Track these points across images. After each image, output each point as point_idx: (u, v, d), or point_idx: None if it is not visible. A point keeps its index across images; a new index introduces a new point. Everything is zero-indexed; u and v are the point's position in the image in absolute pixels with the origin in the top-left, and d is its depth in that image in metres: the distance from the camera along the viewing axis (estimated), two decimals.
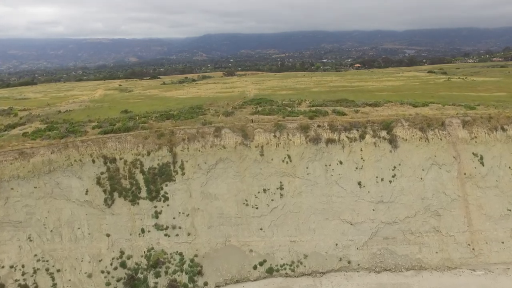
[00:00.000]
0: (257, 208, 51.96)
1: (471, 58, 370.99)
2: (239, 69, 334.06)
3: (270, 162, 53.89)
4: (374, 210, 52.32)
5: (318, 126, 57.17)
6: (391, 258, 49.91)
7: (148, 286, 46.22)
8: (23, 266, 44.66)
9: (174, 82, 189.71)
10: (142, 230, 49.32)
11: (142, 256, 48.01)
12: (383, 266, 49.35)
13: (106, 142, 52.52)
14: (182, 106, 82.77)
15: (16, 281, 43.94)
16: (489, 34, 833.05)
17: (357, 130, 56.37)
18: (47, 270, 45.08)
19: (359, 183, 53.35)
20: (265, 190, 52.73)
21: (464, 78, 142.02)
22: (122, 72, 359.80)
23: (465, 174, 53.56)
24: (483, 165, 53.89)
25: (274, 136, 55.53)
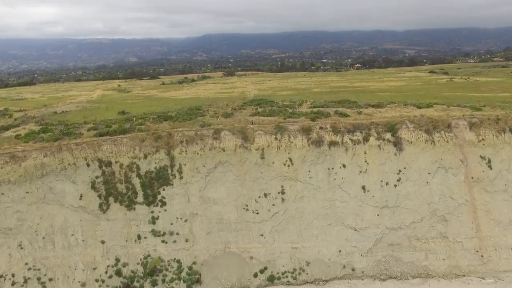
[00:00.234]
0: (257, 213, 50.22)
1: (472, 58, 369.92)
2: (239, 69, 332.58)
3: (271, 166, 52.16)
4: (378, 215, 50.59)
5: (321, 128, 55.45)
6: (397, 265, 48.18)
7: None
8: (13, 275, 42.87)
9: (173, 82, 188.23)
10: (139, 237, 47.56)
11: (138, 263, 46.24)
12: (388, 273, 47.60)
13: (102, 144, 50.76)
14: (181, 107, 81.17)
15: None
16: (489, 34, 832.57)
17: (360, 132, 54.65)
18: (39, 279, 43.30)
19: (363, 187, 51.62)
20: (266, 195, 51.00)
21: (466, 78, 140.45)
22: (122, 72, 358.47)
23: (472, 178, 51.83)
24: (491, 168, 52.16)
25: (275, 138, 53.79)
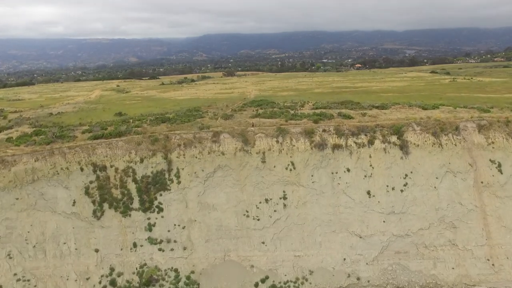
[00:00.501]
0: (258, 219, 48.23)
1: (473, 58, 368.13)
2: (239, 69, 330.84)
3: (272, 170, 50.16)
4: (384, 221, 48.60)
5: (324, 130, 53.45)
6: (404, 274, 46.18)
7: None
8: (1, 287, 40.81)
9: (173, 82, 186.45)
10: (134, 245, 45.55)
11: (134, 273, 44.25)
12: (395, 283, 45.62)
13: (96, 148, 48.75)
14: (180, 108, 79.34)
15: None
16: (489, 34, 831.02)
17: (365, 135, 52.66)
18: None
19: (368, 193, 49.63)
20: (267, 200, 49.00)
21: (470, 78, 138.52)
22: (122, 72, 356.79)
23: (482, 182, 49.81)
24: (502, 173, 50.13)
25: (277, 141, 51.79)
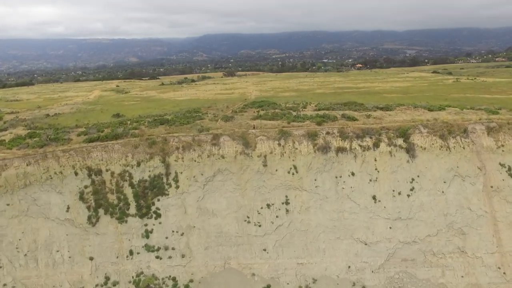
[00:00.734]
0: (260, 225, 46.46)
1: (474, 58, 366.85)
2: (239, 69, 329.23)
3: (274, 174, 48.40)
4: (391, 228, 46.82)
5: (327, 133, 51.66)
6: (411, 283, 44.40)
7: None
8: None
9: (173, 82, 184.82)
10: (131, 252, 43.80)
11: (130, 282, 42.52)
12: None
13: (91, 151, 46.98)
14: (179, 109, 77.70)
15: None
16: (489, 34, 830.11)
17: (370, 137, 50.87)
18: None
19: (374, 198, 47.86)
20: (268, 206, 47.24)
21: (473, 79, 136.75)
22: (122, 72, 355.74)
23: (492, 187, 48.01)
24: None
25: (279, 144, 50.01)
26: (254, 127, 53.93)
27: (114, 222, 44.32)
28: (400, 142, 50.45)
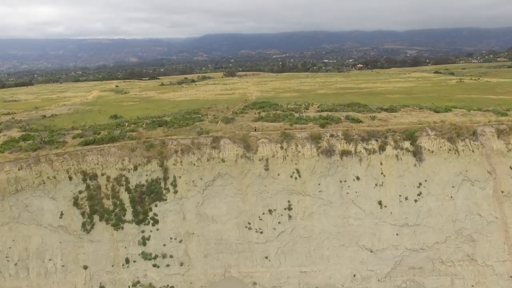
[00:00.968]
0: (261, 232, 44.78)
1: (475, 58, 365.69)
2: (240, 69, 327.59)
3: (276, 178, 46.71)
4: (397, 234, 45.13)
5: (331, 135, 49.93)
6: None
7: None
8: None
9: (172, 83, 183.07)
10: (127, 260, 42.12)
11: None
12: None
13: (86, 155, 45.27)
14: (178, 110, 76.05)
15: None
16: (490, 34, 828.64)
17: (376, 140, 49.16)
18: None
19: (380, 203, 46.15)
20: (270, 211, 45.53)
21: (477, 79, 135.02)
22: (122, 72, 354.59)
23: (502, 192, 46.30)
24: None
25: (281, 147, 48.29)
26: (255, 129, 52.20)
27: (109, 229, 42.61)
28: (407, 145, 48.73)
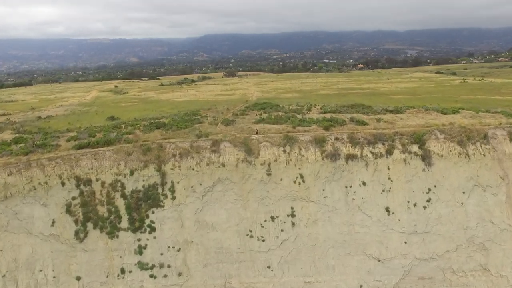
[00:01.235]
0: (263, 240, 42.74)
1: (477, 58, 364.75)
2: (240, 69, 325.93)
3: (279, 183, 44.67)
4: (406, 242, 43.11)
5: (336, 138, 47.89)
6: None
7: None
8: None
9: (172, 83, 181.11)
10: (122, 270, 40.07)
11: None
12: None
13: (80, 159, 43.22)
14: (177, 111, 74.13)
15: None
16: (490, 34, 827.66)
17: (382, 143, 47.13)
18: None
19: (387, 209, 44.12)
20: (273, 218, 43.49)
21: (480, 79, 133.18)
22: (122, 72, 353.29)
23: None
24: None
25: (284, 151, 46.26)
26: (257, 132, 50.17)
27: (104, 237, 40.55)
28: (415, 148, 46.69)
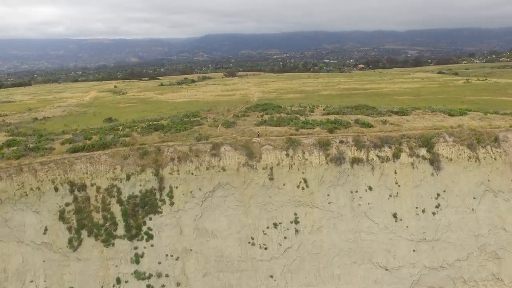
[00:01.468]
0: (266, 248, 40.92)
1: (477, 58, 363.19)
2: (240, 69, 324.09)
3: (281, 188, 42.87)
4: (414, 251, 41.29)
5: (341, 141, 46.09)
6: None
7: None
8: None
9: (172, 83, 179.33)
10: (118, 280, 38.23)
11: None
12: None
13: (74, 163, 41.40)
14: (176, 112, 72.35)
15: None
16: (491, 34, 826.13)
17: (389, 147, 45.35)
18: None
19: (395, 216, 42.31)
20: (275, 225, 41.68)
21: (484, 79, 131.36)
22: (122, 72, 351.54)
23: None
24: None
25: (287, 154, 44.46)
26: (258, 135, 48.34)
27: (99, 246, 38.73)
28: (423, 152, 44.91)
